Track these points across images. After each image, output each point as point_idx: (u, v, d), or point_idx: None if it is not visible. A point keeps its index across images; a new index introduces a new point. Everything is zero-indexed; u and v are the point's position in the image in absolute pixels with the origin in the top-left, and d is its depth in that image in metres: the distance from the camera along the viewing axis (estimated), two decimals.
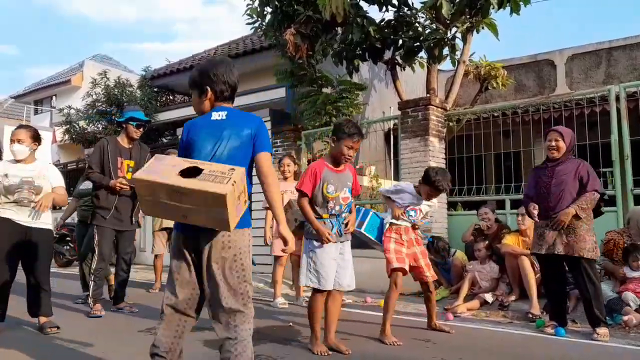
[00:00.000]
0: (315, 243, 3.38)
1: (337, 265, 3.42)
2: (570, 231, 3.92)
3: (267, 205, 5.13)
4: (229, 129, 2.27)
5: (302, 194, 3.39)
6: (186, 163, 2.07)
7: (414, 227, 4.02)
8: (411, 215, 3.98)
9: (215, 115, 2.32)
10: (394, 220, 3.95)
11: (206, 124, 2.31)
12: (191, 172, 2.00)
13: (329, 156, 3.55)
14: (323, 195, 3.36)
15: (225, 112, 2.33)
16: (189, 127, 2.36)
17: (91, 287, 4.72)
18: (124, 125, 4.85)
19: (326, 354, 3.28)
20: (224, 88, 2.36)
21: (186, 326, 2.31)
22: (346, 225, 3.46)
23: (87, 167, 4.92)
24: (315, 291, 3.41)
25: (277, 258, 5.49)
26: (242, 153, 2.27)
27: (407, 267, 3.86)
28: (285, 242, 2.27)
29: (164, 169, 2.03)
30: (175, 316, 2.29)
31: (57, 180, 4.09)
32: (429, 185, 3.89)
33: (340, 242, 3.45)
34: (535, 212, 4.03)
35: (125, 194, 4.76)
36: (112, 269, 5.30)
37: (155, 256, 6.44)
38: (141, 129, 4.90)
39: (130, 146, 4.89)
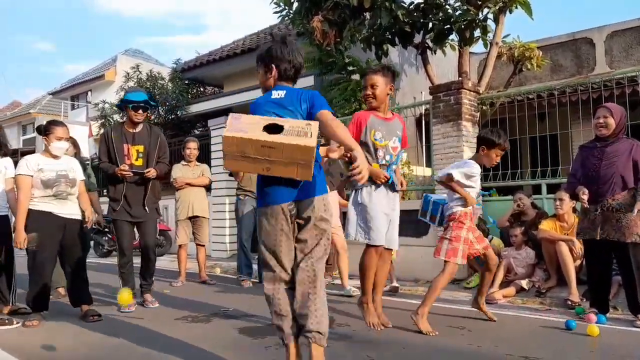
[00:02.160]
0: (366, 194, 3.15)
1: (389, 220, 3.23)
2: (621, 216, 3.78)
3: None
4: (289, 106, 2.38)
5: None
6: (264, 120, 2.22)
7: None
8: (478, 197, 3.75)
9: (275, 94, 2.43)
10: (465, 208, 3.58)
11: (267, 102, 2.43)
12: (273, 129, 2.17)
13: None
14: (372, 142, 3.19)
15: (285, 91, 2.43)
16: (253, 108, 2.49)
17: (120, 283, 4.59)
18: (125, 110, 4.59)
19: (380, 327, 3.15)
20: (287, 67, 2.47)
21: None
22: (400, 184, 3.29)
23: (97, 159, 4.80)
24: (368, 246, 3.24)
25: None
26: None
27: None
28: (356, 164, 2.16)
29: (249, 127, 2.19)
30: (288, 291, 2.39)
31: (81, 173, 4.29)
32: (495, 147, 3.62)
33: (393, 192, 3.24)
34: (585, 197, 3.86)
35: (134, 182, 4.52)
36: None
37: (179, 246, 6.36)
38: (140, 111, 4.53)
39: (137, 130, 4.59)
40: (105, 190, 5.81)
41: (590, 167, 3.96)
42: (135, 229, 4.70)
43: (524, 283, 5.01)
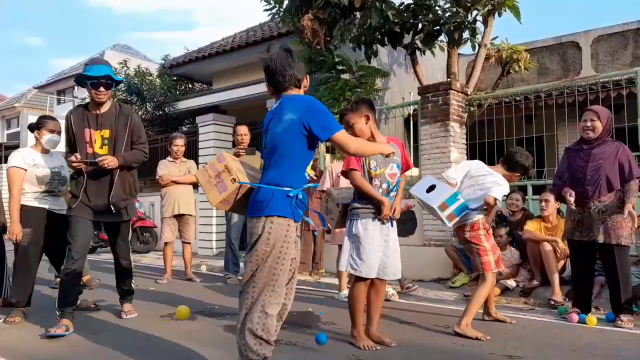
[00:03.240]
0: (360, 226, 3.16)
1: (381, 252, 3.21)
2: (606, 218, 3.83)
3: (323, 189, 5.02)
4: (275, 117, 2.43)
5: (353, 170, 3.20)
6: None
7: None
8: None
9: (271, 107, 2.51)
10: (482, 215, 3.57)
11: (266, 117, 2.53)
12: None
13: None
14: (367, 172, 3.18)
15: (280, 101, 2.46)
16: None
17: (57, 295, 3.68)
18: (85, 88, 3.73)
19: (374, 348, 3.11)
20: (279, 80, 2.48)
21: None
22: (393, 211, 3.24)
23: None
24: (357, 279, 3.21)
25: (340, 247, 5.20)
26: (286, 137, 2.36)
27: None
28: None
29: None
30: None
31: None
32: (518, 169, 3.69)
33: (388, 223, 3.23)
34: (572, 198, 3.91)
35: (95, 175, 3.68)
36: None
37: (165, 244, 6.29)
38: (102, 89, 3.65)
39: (101, 112, 3.72)
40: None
41: (577, 169, 4.00)
42: (103, 231, 4.38)
43: (510, 282, 5.06)
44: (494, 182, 3.56)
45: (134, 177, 3.91)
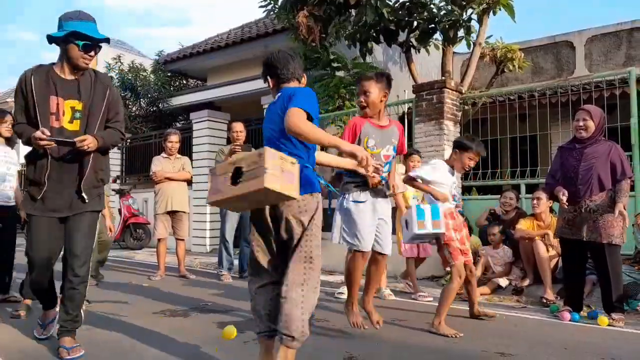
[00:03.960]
0: (351, 199, 3.14)
1: (377, 225, 3.20)
2: (598, 217, 3.86)
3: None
4: (271, 109, 2.49)
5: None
6: (231, 167, 2.19)
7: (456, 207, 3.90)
8: (455, 195, 3.75)
9: (272, 101, 2.54)
10: (447, 204, 3.60)
11: (268, 108, 2.57)
12: (237, 175, 2.16)
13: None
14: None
15: (279, 94, 2.49)
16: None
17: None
18: (64, 47, 2.89)
19: (362, 327, 3.12)
20: (282, 72, 2.52)
21: None
22: (388, 186, 3.24)
23: (13, 119, 3.52)
24: (355, 252, 3.20)
25: None
26: (279, 127, 2.37)
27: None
28: (355, 156, 2.37)
29: (220, 183, 2.22)
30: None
31: None
32: (467, 151, 3.64)
33: (381, 197, 3.23)
34: (564, 197, 3.93)
35: (63, 157, 2.86)
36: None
37: (158, 240, 6.26)
38: (93, 53, 2.90)
39: (75, 78, 2.93)
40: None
41: (570, 168, 4.03)
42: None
43: (502, 281, 5.09)
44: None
45: (107, 163, 3.14)
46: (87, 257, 2.97)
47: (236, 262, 6.28)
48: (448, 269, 5.55)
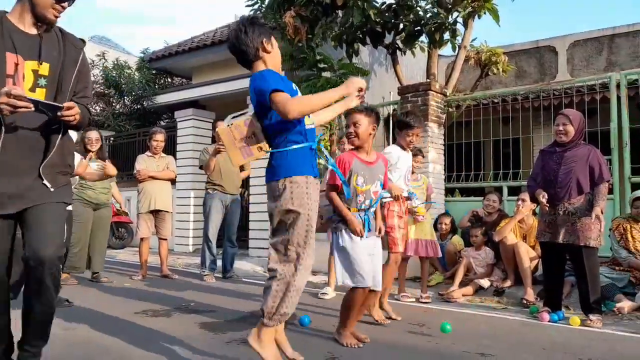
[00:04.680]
0: (347, 237, 3.17)
1: (371, 259, 3.21)
2: (576, 220, 3.92)
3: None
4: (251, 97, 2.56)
5: (331, 187, 3.22)
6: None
7: (408, 198, 4.01)
8: (408, 179, 4.02)
9: None
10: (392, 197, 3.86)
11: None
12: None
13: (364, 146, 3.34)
14: (354, 187, 3.17)
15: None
16: None
17: None
18: None
19: (356, 345, 3.15)
20: (241, 58, 2.65)
21: None
22: (379, 230, 3.31)
23: None
24: (355, 289, 3.18)
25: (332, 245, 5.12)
26: (260, 110, 2.51)
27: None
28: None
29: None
30: None
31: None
32: (404, 129, 4.01)
33: (375, 236, 3.29)
34: (544, 200, 4.00)
35: (25, 131, 2.18)
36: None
37: (141, 239, 6.20)
38: (66, 4, 2.24)
39: (38, 33, 2.22)
40: None
41: (550, 171, 4.09)
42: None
43: (484, 282, 5.15)
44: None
45: (72, 149, 2.48)
46: (56, 264, 2.19)
47: (219, 262, 6.26)
48: (436, 273, 5.66)
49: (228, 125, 2.52)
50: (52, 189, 2.23)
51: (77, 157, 4.69)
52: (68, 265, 5.26)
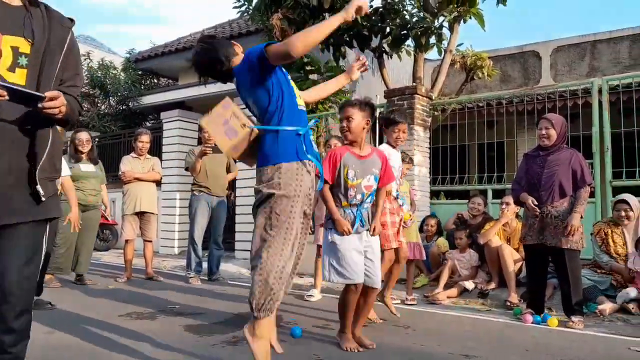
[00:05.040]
0: (336, 234, 3.15)
1: (364, 258, 3.17)
2: (559, 223, 3.98)
3: None
4: (239, 88, 2.64)
5: (324, 183, 3.16)
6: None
7: (395, 198, 4.04)
8: (399, 179, 4.05)
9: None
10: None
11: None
12: None
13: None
14: (343, 181, 3.15)
15: (235, 79, 2.62)
16: None
17: None
18: None
19: (357, 350, 3.12)
20: (218, 72, 2.66)
21: None
22: (373, 229, 3.24)
23: None
24: (348, 286, 3.16)
25: (318, 247, 5.00)
26: (256, 90, 2.51)
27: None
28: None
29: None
30: None
31: (67, 169, 4.40)
32: (390, 126, 4.07)
33: (366, 232, 3.22)
34: (533, 204, 4.05)
35: (4, 125, 1.73)
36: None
37: (126, 241, 6.14)
38: None
39: (22, 5, 1.85)
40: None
41: (533, 174, 4.15)
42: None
43: (468, 284, 5.19)
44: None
45: (61, 149, 2.03)
46: (27, 301, 1.84)
47: (205, 264, 6.23)
48: (421, 275, 5.70)
49: (203, 115, 2.55)
50: (43, 198, 1.81)
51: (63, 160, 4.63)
52: (53, 266, 5.19)
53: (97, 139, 11.61)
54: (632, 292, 4.24)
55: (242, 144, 2.49)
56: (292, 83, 2.63)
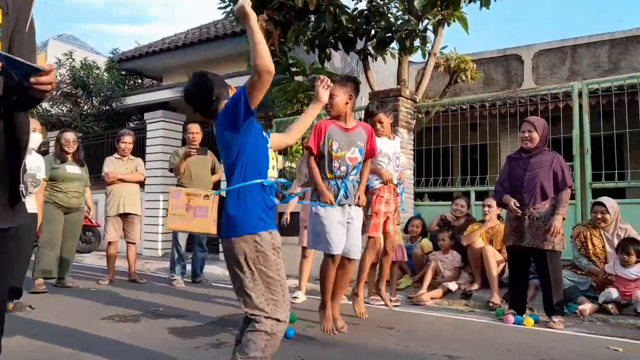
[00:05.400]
0: (320, 206, 3.22)
1: (344, 230, 3.25)
2: (540, 224, 4.04)
3: (294, 191, 5.13)
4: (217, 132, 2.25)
5: (308, 150, 3.28)
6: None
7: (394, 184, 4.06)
8: (397, 165, 4.06)
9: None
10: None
11: None
12: None
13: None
14: (327, 153, 3.22)
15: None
16: None
17: None
18: None
19: (333, 332, 3.20)
20: (212, 107, 2.28)
21: None
22: (347, 195, 3.28)
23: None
24: (326, 256, 3.26)
25: (303, 249, 5.05)
26: (228, 135, 2.15)
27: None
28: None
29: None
30: None
31: (44, 172, 4.32)
32: (372, 116, 4.06)
33: (349, 205, 3.28)
34: (516, 207, 4.10)
35: None
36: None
37: (109, 243, 6.07)
38: None
39: None
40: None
41: (516, 177, 4.21)
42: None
43: (452, 285, 5.24)
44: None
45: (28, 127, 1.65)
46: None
47: (189, 266, 6.19)
48: (405, 276, 5.74)
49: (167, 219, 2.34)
50: (24, 198, 1.61)
51: (40, 159, 4.55)
52: (39, 268, 5.10)
53: (79, 140, 11.48)
54: (614, 292, 4.32)
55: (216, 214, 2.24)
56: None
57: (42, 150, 11.41)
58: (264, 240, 2.08)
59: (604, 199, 4.68)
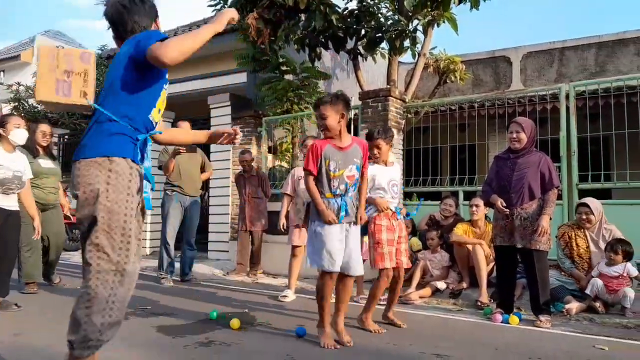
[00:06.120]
0: (319, 223, 3.25)
1: (343, 247, 3.27)
2: (528, 224, 4.08)
3: (286, 192, 5.14)
4: (113, 61, 2.14)
5: (307, 172, 3.29)
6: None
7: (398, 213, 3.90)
8: (395, 192, 3.86)
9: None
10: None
11: None
12: None
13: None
14: (326, 173, 3.24)
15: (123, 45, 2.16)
16: None
17: None
18: None
19: (333, 347, 3.17)
20: (121, 30, 2.19)
21: None
22: (347, 213, 3.28)
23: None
24: (324, 273, 3.26)
25: (293, 248, 5.09)
26: (110, 79, 2.08)
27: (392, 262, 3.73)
28: None
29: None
30: None
31: (29, 172, 4.34)
32: (370, 141, 3.83)
33: (347, 223, 3.30)
34: (502, 206, 4.14)
35: None
36: None
37: None
38: None
39: None
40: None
41: (504, 177, 4.24)
42: None
43: (440, 284, 5.27)
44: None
45: None
46: None
47: (177, 265, 6.16)
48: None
49: (57, 47, 2.03)
50: None
51: (25, 160, 4.42)
52: (25, 273, 4.95)
53: (66, 137, 11.36)
54: (599, 282, 4.37)
55: (65, 107, 2.15)
56: (163, 96, 2.30)
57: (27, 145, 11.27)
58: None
59: (588, 200, 4.73)
